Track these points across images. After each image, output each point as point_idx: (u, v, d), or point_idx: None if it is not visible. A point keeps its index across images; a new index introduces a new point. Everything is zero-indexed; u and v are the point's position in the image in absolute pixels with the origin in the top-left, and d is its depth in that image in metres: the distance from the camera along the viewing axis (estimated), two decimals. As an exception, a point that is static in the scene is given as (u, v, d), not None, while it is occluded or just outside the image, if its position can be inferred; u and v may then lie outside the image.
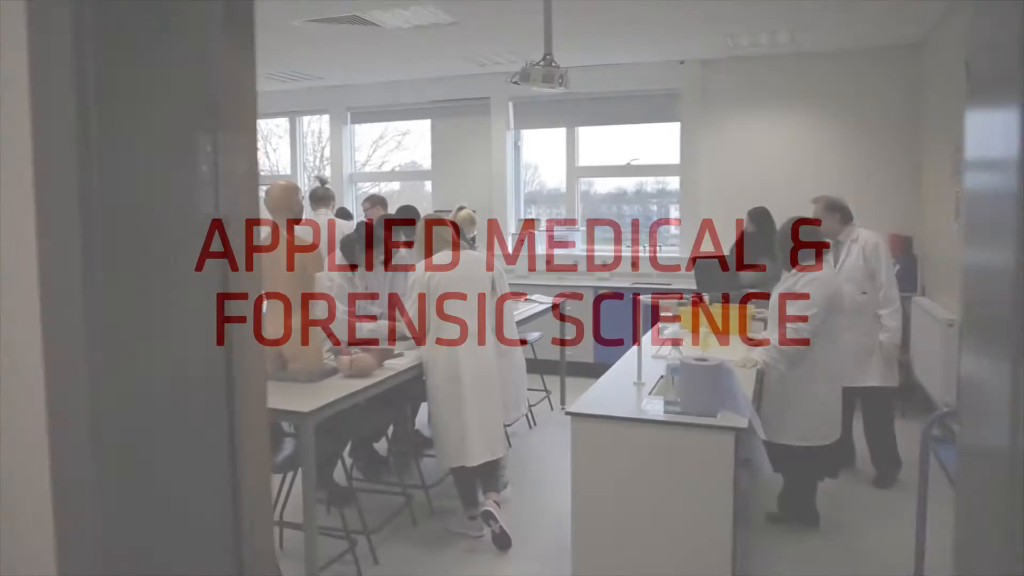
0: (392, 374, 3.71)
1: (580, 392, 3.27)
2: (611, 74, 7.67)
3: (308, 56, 7.06)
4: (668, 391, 2.91)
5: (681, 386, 2.82)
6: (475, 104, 8.31)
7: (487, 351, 4.00)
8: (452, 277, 3.88)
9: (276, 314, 3.51)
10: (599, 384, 3.37)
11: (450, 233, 4.04)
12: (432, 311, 3.86)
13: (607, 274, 7.87)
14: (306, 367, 3.50)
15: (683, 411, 2.80)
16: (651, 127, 8.10)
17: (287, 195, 3.51)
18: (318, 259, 3.49)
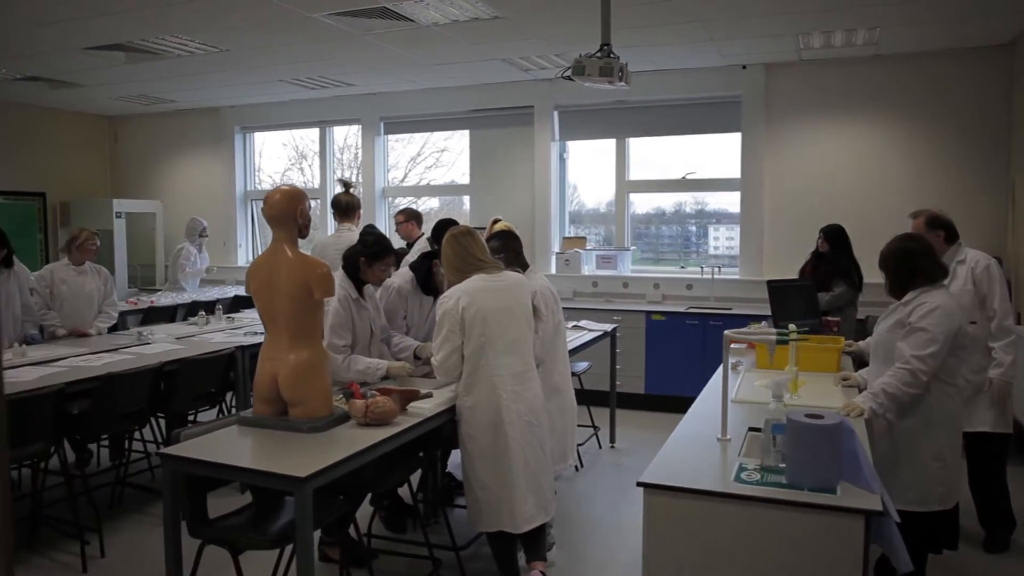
0: (418, 421, 3.08)
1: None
2: (665, 81, 7.06)
3: (337, 60, 6.55)
4: (767, 453, 2.23)
5: (788, 449, 2.14)
6: (517, 114, 7.75)
7: (535, 392, 3.35)
8: (490, 305, 3.25)
9: (275, 347, 2.92)
10: (674, 440, 2.69)
11: (484, 250, 3.41)
12: (468, 346, 3.22)
13: (659, 297, 7.19)
14: (310, 413, 2.89)
15: (790, 483, 2.12)
16: (704, 139, 7.45)
17: (290, 202, 2.92)
18: (327, 281, 2.89)
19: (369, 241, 3.68)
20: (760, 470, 2.22)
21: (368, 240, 3.69)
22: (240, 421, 2.99)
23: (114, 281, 5.65)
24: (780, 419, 2.16)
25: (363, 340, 3.67)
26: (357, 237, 3.89)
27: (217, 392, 4.91)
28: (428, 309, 4.14)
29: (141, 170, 9.69)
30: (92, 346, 4.86)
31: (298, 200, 2.93)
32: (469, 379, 3.25)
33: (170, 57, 6.33)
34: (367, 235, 3.74)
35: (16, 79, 7.25)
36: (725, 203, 7.59)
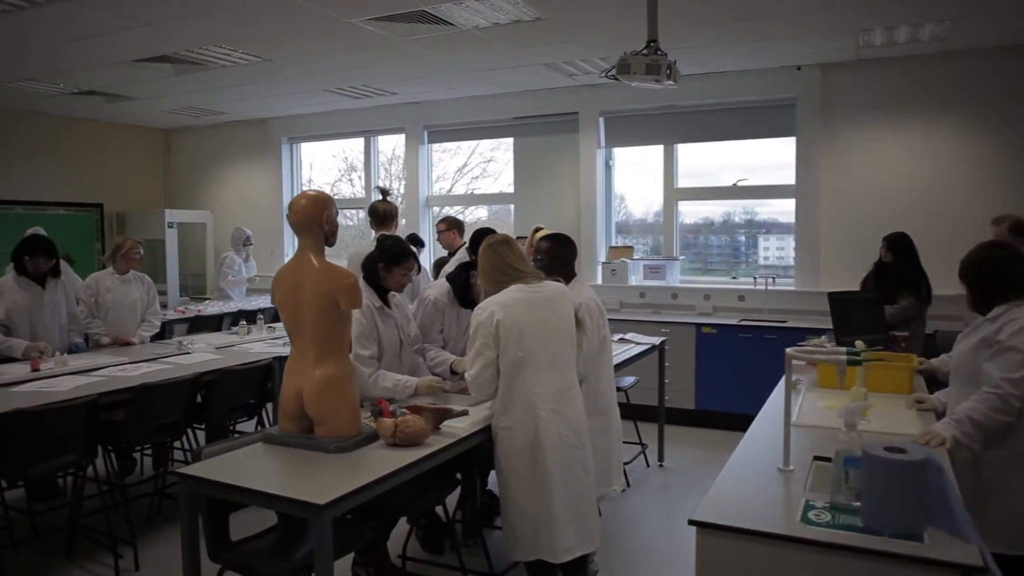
0: (451, 442, 2.89)
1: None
2: (715, 84, 6.80)
3: (379, 67, 6.47)
4: (838, 489, 1.98)
5: (864, 487, 1.89)
6: (562, 120, 7.57)
7: (576, 411, 3.13)
8: (528, 317, 3.05)
9: (300, 361, 2.77)
10: (730, 470, 2.44)
11: (523, 260, 3.21)
12: (504, 361, 3.03)
13: (709, 309, 6.90)
14: (337, 432, 2.74)
15: (867, 527, 1.86)
16: (755, 145, 7.13)
17: (315, 208, 2.77)
18: (354, 291, 2.73)
19: (387, 245, 3.52)
20: (830, 509, 1.97)
21: (386, 244, 3.53)
22: (265, 438, 2.86)
23: (156, 290, 5.61)
24: (854, 451, 1.90)
25: (391, 350, 3.51)
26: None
27: (255, 403, 4.81)
28: (466, 322, 3.96)
29: (192, 181, 9.81)
30: (132, 355, 4.82)
31: (324, 206, 2.79)
32: (506, 397, 3.06)
33: (215, 68, 6.33)
34: (384, 239, 3.58)
35: (73, 93, 7.37)
36: (776, 212, 7.28)
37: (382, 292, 3.52)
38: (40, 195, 8.49)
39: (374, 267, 3.48)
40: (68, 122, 8.71)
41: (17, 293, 4.74)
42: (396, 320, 3.55)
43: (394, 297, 3.60)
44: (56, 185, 8.67)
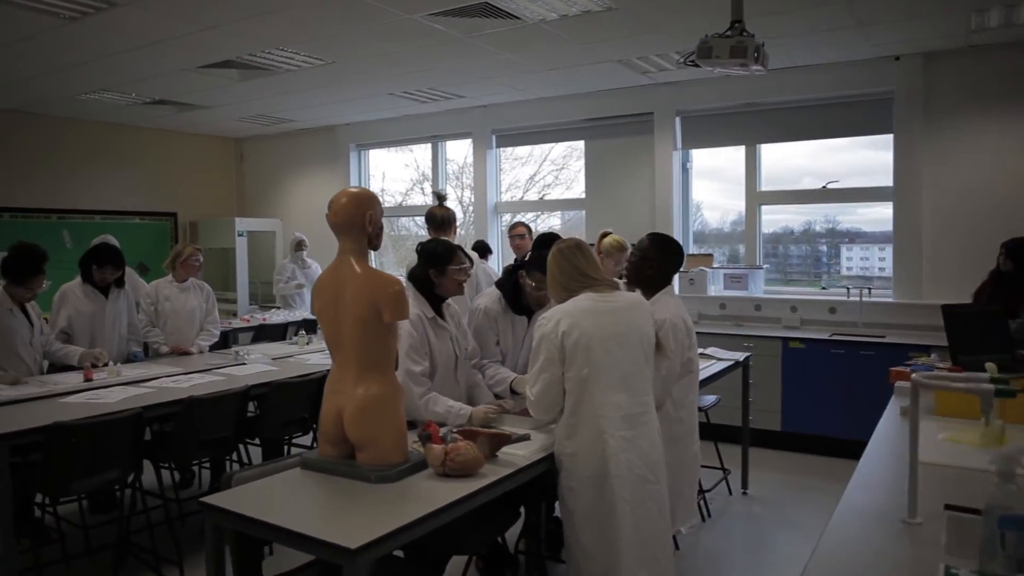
0: (511, 472, 2.56)
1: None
2: (803, 78, 6.30)
3: (444, 68, 6.23)
4: (990, 555, 1.55)
5: None
6: (636, 121, 7.19)
7: (651, 440, 2.76)
8: (597, 329, 2.70)
9: (341, 379, 2.49)
10: (841, 519, 2.00)
11: (595, 265, 2.86)
12: (569, 378, 2.69)
13: (797, 321, 6.37)
14: (380, 459, 2.44)
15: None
16: (843, 146, 6.61)
17: (357, 207, 2.49)
18: (399, 301, 2.44)
19: (430, 247, 3.20)
20: (977, 579, 1.54)
21: (428, 247, 3.21)
22: (303, 463, 2.59)
23: (215, 299, 5.49)
24: (1012, 508, 1.48)
25: (446, 366, 3.20)
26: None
27: (310, 417, 4.59)
28: (523, 332, 3.64)
29: (263, 189, 9.84)
30: (187, 366, 4.69)
31: (366, 204, 2.50)
32: (571, 419, 2.71)
33: (279, 72, 6.22)
34: (425, 243, 3.26)
35: (146, 103, 7.42)
36: (860, 220, 6.80)
37: (435, 301, 3.22)
38: (118, 204, 8.63)
39: (425, 276, 3.17)
40: (144, 133, 8.84)
41: (80, 301, 4.67)
42: (451, 333, 3.24)
43: (449, 307, 3.30)
44: (133, 195, 8.80)
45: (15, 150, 7.74)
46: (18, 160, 7.77)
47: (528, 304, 3.55)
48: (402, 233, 9.63)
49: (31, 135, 7.85)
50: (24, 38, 5.15)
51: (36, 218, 7.89)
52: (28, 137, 7.83)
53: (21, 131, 7.77)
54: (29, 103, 7.41)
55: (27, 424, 3.21)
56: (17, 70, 6.10)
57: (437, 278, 3.16)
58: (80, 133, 8.24)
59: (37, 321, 4.37)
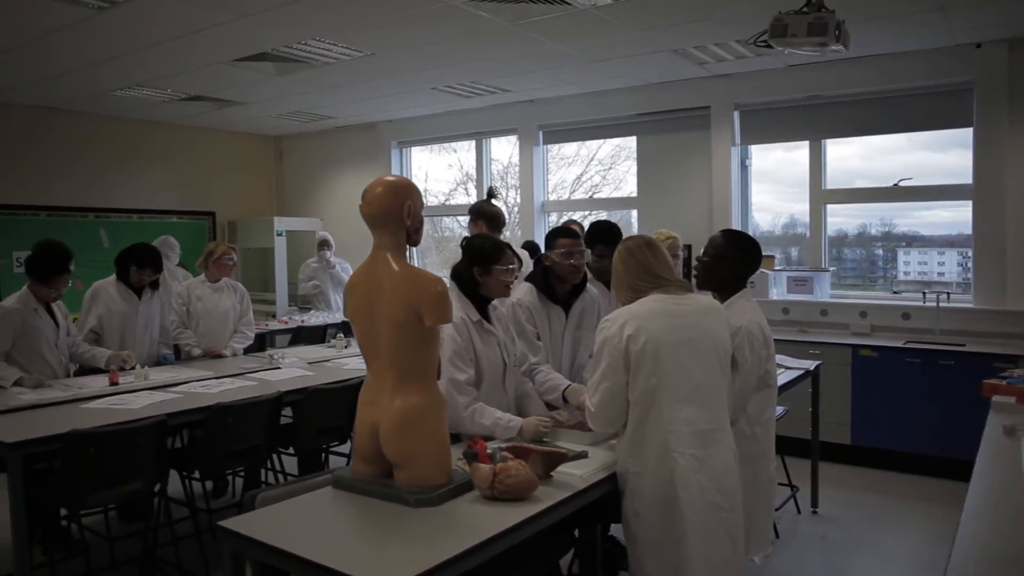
0: (568, 495, 2.25)
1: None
2: (870, 69, 5.87)
3: (488, 59, 5.94)
4: None
5: None
6: (691, 116, 6.82)
7: (725, 460, 2.42)
8: (667, 334, 2.37)
9: (377, 389, 2.20)
10: (960, 558, 1.64)
11: (667, 265, 2.53)
12: (635, 388, 2.37)
13: (867, 328, 5.93)
14: (420, 479, 2.14)
15: None
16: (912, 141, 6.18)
17: (394, 198, 2.20)
18: (442, 302, 2.14)
19: (476, 243, 2.89)
20: None
21: (475, 243, 2.91)
22: (335, 482, 2.30)
23: (250, 299, 5.26)
24: None
25: (493, 373, 2.89)
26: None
27: (347, 426, 4.32)
28: (561, 326, 3.32)
29: (303, 188, 9.67)
30: (218, 369, 4.46)
31: (405, 194, 2.21)
32: (636, 435, 2.38)
33: (316, 65, 5.99)
34: (471, 239, 2.96)
35: (182, 99, 7.27)
36: (919, 223, 6.42)
37: (480, 303, 2.92)
38: (155, 203, 8.52)
39: (469, 275, 2.87)
40: (182, 131, 8.72)
41: (113, 300, 4.48)
42: (498, 337, 2.93)
43: (495, 310, 2.99)
44: (171, 193, 8.69)
45: (52, 148, 7.66)
46: (55, 158, 7.69)
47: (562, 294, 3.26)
48: (446, 234, 9.38)
49: (67, 133, 7.77)
50: (53, 30, 4.99)
51: (73, 217, 7.80)
52: (65, 135, 7.75)
53: (57, 129, 7.69)
54: (65, 100, 7.32)
55: (44, 431, 2.99)
56: (50, 65, 5.97)
57: (481, 277, 2.85)
58: (117, 131, 8.15)
59: (63, 322, 4.18)
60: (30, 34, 5.10)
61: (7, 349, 3.91)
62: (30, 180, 7.51)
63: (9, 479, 2.85)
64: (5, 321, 3.88)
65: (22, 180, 7.45)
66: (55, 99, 7.26)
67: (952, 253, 6.26)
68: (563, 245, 3.17)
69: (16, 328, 3.90)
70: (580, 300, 3.36)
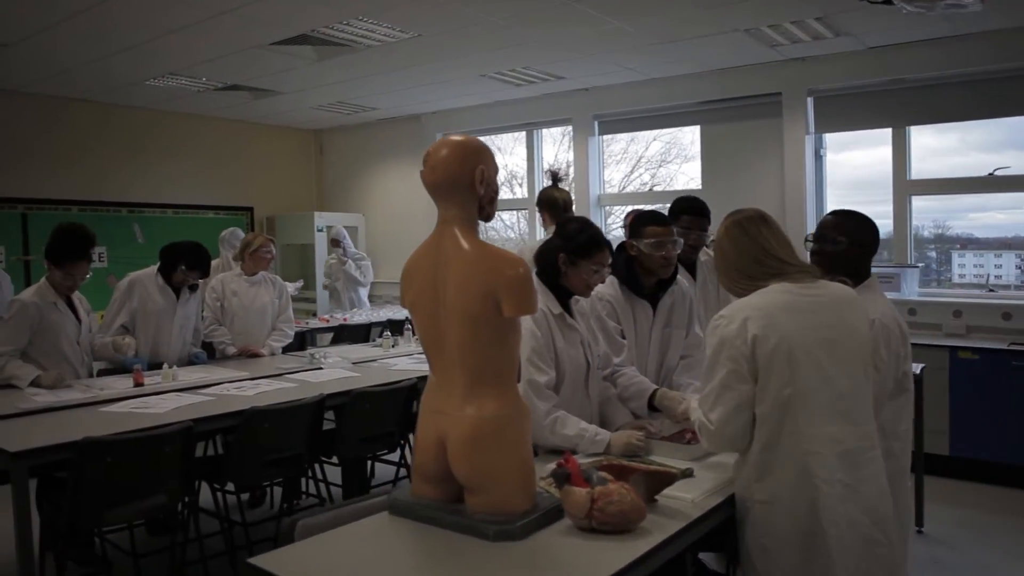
0: (682, 526, 1.80)
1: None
2: (961, 48, 5.32)
3: (542, 42, 5.51)
4: None
5: None
6: (761, 103, 6.31)
7: (878, 485, 1.95)
8: (803, 334, 1.91)
9: (444, 394, 1.76)
10: None
11: (787, 244, 2.07)
12: (764, 399, 1.91)
13: (962, 328, 5.38)
14: (499, 505, 1.71)
15: None
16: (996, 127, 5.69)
17: (463, 161, 1.76)
18: (524, 288, 1.70)
19: (571, 230, 2.47)
20: None
21: (570, 229, 2.48)
22: (392, 507, 1.87)
23: (289, 294, 4.89)
24: None
25: (575, 376, 2.45)
26: None
27: (396, 432, 3.91)
28: (648, 322, 2.86)
29: (344, 183, 9.37)
30: (255, 370, 4.08)
31: (477, 157, 1.78)
32: (765, 455, 1.92)
33: (358, 49, 5.62)
34: (568, 223, 2.53)
35: (218, 88, 6.97)
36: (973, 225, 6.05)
37: (562, 294, 2.48)
38: (192, 199, 8.25)
39: (553, 259, 2.44)
40: (219, 124, 8.45)
41: (150, 297, 4.11)
42: (581, 335, 2.49)
43: (578, 303, 2.55)
44: (208, 189, 8.41)
45: (84, 141, 7.41)
46: (87, 151, 7.44)
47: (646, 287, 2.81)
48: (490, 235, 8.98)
49: (101, 125, 7.51)
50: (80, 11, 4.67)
51: (106, 212, 7.54)
52: (98, 127, 7.50)
53: (90, 121, 7.43)
54: (98, 91, 7.05)
55: (55, 438, 2.62)
56: (81, 52, 5.69)
57: (565, 266, 2.42)
58: (152, 123, 7.88)
59: (86, 317, 3.82)
60: (59, 16, 4.80)
61: (23, 346, 3.56)
62: (62, 173, 7.28)
63: (13, 494, 2.47)
64: (21, 315, 3.53)
65: (54, 173, 7.22)
66: (86, 90, 7.01)
67: (1010, 255, 5.90)
68: (653, 234, 2.72)
69: (33, 323, 3.55)
70: (669, 294, 2.90)
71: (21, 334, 3.52)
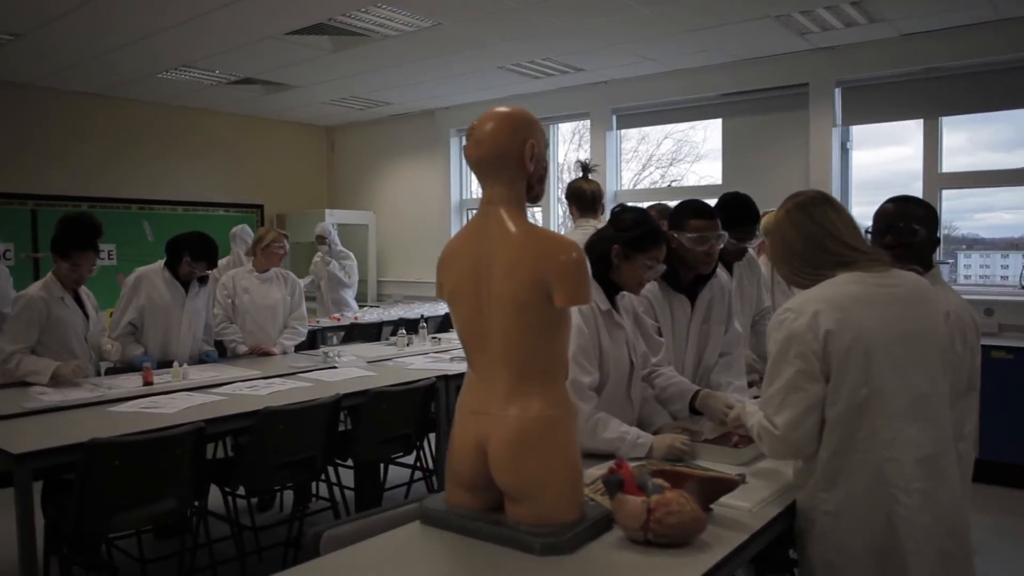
0: (745, 539, 1.63)
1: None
2: (1002, 35, 5.11)
3: (563, 29, 5.35)
4: None
5: None
6: (786, 94, 6.15)
7: (954, 495, 1.77)
8: (881, 328, 1.73)
9: (485, 392, 1.59)
10: None
11: (855, 229, 1.89)
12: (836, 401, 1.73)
13: (994, 327, 5.21)
14: (545, 515, 1.54)
15: None
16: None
17: (513, 134, 1.60)
18: (578, 274, 1.52)
19: (628, 220, 2.27)
20: None
21: (626, 219, 2.28)
22: (423, 516, 1.70)
23: (303, 291, 4.73)
24: None
25: (618, 377, 2.28)
26: None
27: (413, 434, 3.75)
28: (686, 318, 2.68)
29: (356, 180, 9.24)
30: (267, 368, 3.92)
31: (527, 130, 1.63)
32: (835, 462, 1.74)
33: (376, 39, 5.48)
34: (624, 213, 2.33)
35: (231, 81, 6.84)
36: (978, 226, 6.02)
37: (610, 289, 2.30)
38: (202, 195, 8.14)
39: (606, 251, 2.25)
40: (230, 120, 8.33)
41: (157, 291, 3.96)
42: (626, 333, 2.31)
43: (623, 298, 2.38)
44: (218, 185, 8.30)
45: (94, 136, 7.30)
46: (97, 147, 7.34)
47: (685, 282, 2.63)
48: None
49: (111, 121, 7.41)
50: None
51: (115, 208, 7.41)
52: (108, 123, 7.39)
53: (100, 116, 7.33)
54: (109, 85, 6.94)
55: (61, 439, 2.46)
56: (92, 43, 5.57)
57: (620, 260, 2.23)
58: (162, 118, 7.77)
59: (94, 314, 3.67)
60: (70, 6, 4.67)
61: (33, 343, 3.41)
62: (72, 170, 7.17)
63: (16, 498, 2.32)
64: (29, 311, 3.38)
65: (63, 170, 7.10)
66: (97, 84, 6.89)
67: (1017, 256, 5.80)
68: (696, 228, 2.51)
69: (41, 318, 3.40)
70: (708, 288, 2.72)
71: (30, 330, 3.37)
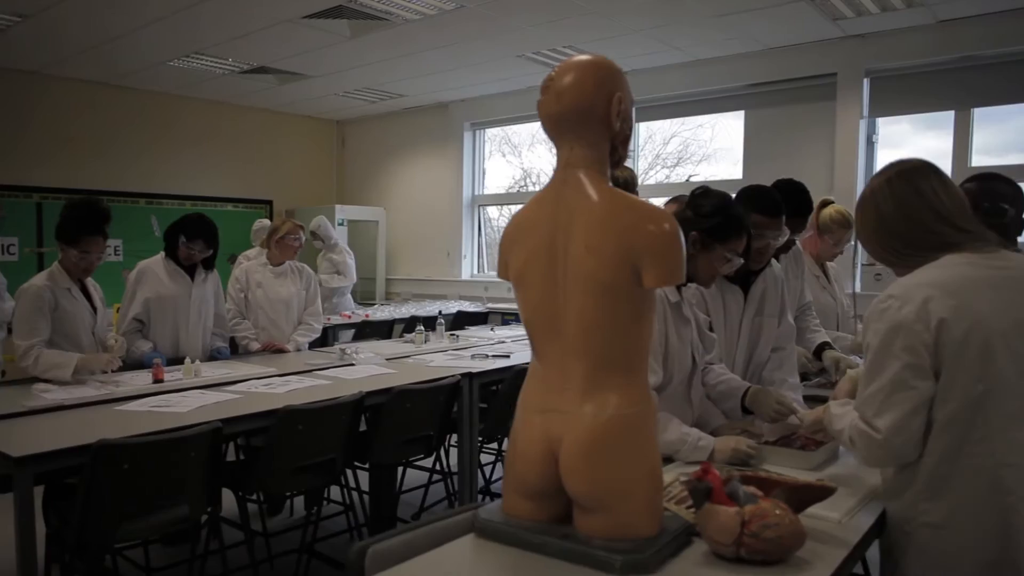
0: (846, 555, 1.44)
1: None
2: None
3: (588, 16, 5.18)
4: None
5: None
6: (812, 85, 5.94)
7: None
8: (998, 316, 1.52)
9: (557, 387, 1.39)
10: None
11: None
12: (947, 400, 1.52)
13: None
14: (623, 528, 1.35)
15: None
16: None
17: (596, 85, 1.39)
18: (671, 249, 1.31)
19: (708, 206, 2.06)
20: None
21: (703, 205, 2.06)
22: (478, 528, 1.50)
23: (318, 285, 4.52)
24: None
25: (682, 376, 2.08)
26: None
27: (434, 436, 3.54)
28: (738, 310, 2.48)
29: (365, 176, 9.05)
30: (282, 366, 3.72)
31: (614, 82, 1.40)
32: (944, 468, 1.54)
33: (396, 23, 5.30)
34: (700, 197, 2.11)
35: (244, 71, 6.65)
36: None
37: None
38: (210, 190, 7.94)
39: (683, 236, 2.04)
40: (240, 112, 8.14)
41: (161, 282, 3.75)
42: (692, 328, 2.12)
43: (688, 291, 2.18)
44: (226, 180, 8.11)
45: (101, 127, 7.11)
46: (104, 139, 7.14)
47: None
48: (501, 230, 8.66)
49: (118, 112, 7.22)
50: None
51: (123, 202, 7.22)
52: (115, 114, 7.20)
53: (108, 107, 7.14)
54: (117, 74, 6.75)
55: (65, 441, 2.26)
56: (101, 26, 5.38)
57: (696, 248, 2.03)
58: (171, 110, 7.58)
59: (101, 307, 3.47)
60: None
61: (47, 336, 3.19)
62: (77, 162, 6.97)
63: (16, 504, 2.12)
64: (35, 302, 3.16)
65: (68, 162, 6.91)
66: (108, 72, 6.69)
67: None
68: (755, 224, 2.31)
69: (50, 309, 3.19)
70: (761, 278, 2.53)
71: (42, 322, 3.14)
